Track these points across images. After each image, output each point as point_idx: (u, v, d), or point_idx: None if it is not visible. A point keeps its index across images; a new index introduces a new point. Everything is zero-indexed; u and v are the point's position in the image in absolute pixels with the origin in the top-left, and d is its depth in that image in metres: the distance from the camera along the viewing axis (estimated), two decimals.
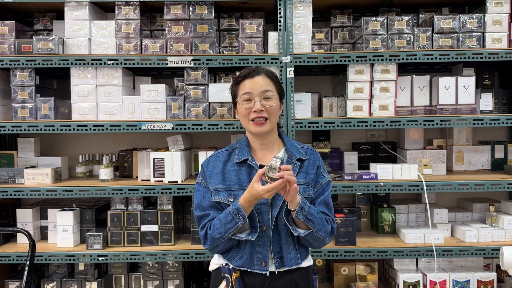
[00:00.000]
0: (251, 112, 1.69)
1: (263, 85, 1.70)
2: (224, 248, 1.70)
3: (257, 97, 1.68)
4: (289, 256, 1.69)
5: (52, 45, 2.72)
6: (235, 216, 1.61)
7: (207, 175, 1.75)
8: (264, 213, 1.68)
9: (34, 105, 2.75)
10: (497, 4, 2.76)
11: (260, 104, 1.67)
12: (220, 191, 1.70)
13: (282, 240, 1.69)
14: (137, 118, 2.74)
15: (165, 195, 2.76)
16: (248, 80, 1.71)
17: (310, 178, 1.73)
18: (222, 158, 1.76)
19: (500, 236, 2.75)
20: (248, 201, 1.60)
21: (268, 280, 1.68)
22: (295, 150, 1.76)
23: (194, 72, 2.76)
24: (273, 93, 1.72)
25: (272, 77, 1.75)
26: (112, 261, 2.71)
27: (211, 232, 1.66)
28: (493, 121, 2.68)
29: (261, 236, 1.67)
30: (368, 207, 3.13)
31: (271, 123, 1.71)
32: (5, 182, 2.80)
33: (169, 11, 2.78)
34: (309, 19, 2.76)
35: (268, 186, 1.53)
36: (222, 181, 1.71)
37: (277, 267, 1.68)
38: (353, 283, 2.91)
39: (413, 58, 2.70)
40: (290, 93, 2.70)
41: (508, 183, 2.68)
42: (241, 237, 1.64)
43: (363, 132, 3.30)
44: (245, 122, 1.72)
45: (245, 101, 1.70)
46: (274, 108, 1.70)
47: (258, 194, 1.56)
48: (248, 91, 1.69)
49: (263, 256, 1.67)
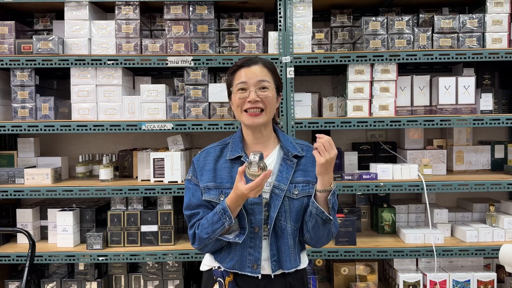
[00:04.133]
0: (245, 103, 1.60)
1: (260, 75, 1.61)
2: (213, 248, 1.63)
3: (252, 87, 1.59)
4: (288, 259, 1.61)
5: (52, 45, 2.72)
6: (221, 216, 1.53)
7: (197, 171, 1.67)
8: (257, 214, 1.59)
9: (34, 105, 2.75)
10: (497, 4, 2.76)
11: (256, 94, 1.59)
12: (211, 189, 1.62)
13: (281, 242, 1.61)
14: (137, 118, 2.74)
15: (165, 195, 2.75)
16: (244, 69, 1.62)
17: (310, 176, 1.64)
18: (214, 154, 1.68)
19: (500, 236, 2.75)
20: (234, 202, 1.52)
21: (262, 284, 1.61)
22: (290, 146, 1.67)
23: (194, 72, 2.76)
24: (270, 84, 1.62)
25: (269, 67, 1.65)
26: (112, 261, 2.71)
27: (199, 232, 1.59)
28: (493, 121, 2.68)
29: (252, 237, 1.59)
30: (368, 207, 3.13)
31: (267, 115, 1.62)
32: (5, 182, 2.80)
33: (169, 11, 2.78)
34: (309, 19, 2.76)
35: (251, 184, 1.46)
36: (213, 178, 1.63)
37: (273, 271, 1.60)
38: (353, 283, 2.91)
39: (413, 58, 2.70)
40: (290, 93, 2.70)
41: (508, 183, 2.68)
42: (228, 239, 1.56)
43: (363, 132, 3.30)
44: (238, 113, 1.63)
45: (240, 90, 1.61)
46: (270, 99, 1.61)
47: (243, 194, 1.48)
48: (244, 80, 1.60)
49: (254, 259, 1.59)
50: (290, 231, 1.61)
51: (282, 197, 1.59)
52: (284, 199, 1.60)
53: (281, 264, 1.61)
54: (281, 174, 1.62)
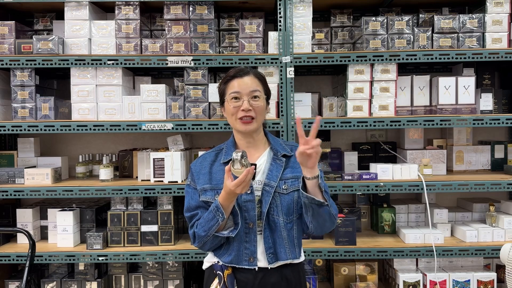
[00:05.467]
0: (239, 111, 1.73)
1: (252, 85, 1.75)
2: (211, 245, 1.74)
3: (245, 97, 1.73)
4: (283, 250, 1.72)
5: (52, 45, 2.72)
6: (215, 213, 1.65)
7: (195, 176, 1.80)
8: (250, 210, 1.71)
9: (34, 105, 2.75)
10: (497, 4, 2.76)
11: (248, 104, 1.73)
12: (207, 191, 1.75)
13: (275, 235, 1.72)
14: (137, 118, 2.74)
15: (165, 195, 2.76)
16: (237, 80, 1.76)
17: (298, 172, 1.74)
18: (210, 159, 1.82)
19: (500, 236, 2.75)
20: (225, 199, 1.63)
21: (260, 276, 1.71)
22: (280, 147, 1.81)
23: (194, 72, 2.76)
24: (261, 93, 1.77)
25: (260, 78, 1.80)
26: (112, 261, 2.71)
27: (197, 230, 1.71)
28: (493, 121, 2.68)
29: (248, 232, 1.72)
30: (368, 207, 3.13)
31: (257, 122, 1.76)
32: (5, 182, 2.80)
33: (169, 11, 2.78)
34: (309, 19, 2.76)
35: (236, 181, 1.56)
36: (209, 181, 1.76)
37: (269, 262, 1.71)
38: (353, 283, 2.91)
39: (413, 58, 2.70)
40: (290, 93, 2.70)
41: (508, 183, 2.68)
42: (223, 234, 1.68)
43: (363, 132, 3.30)
44: (232, 121, 1.77)
45: (233, 99, 1.75)
46: (261, 108, 1.75)
47: (230, 190, 1.59)
48: (237, 90, 1.74)
49: (250, 252, 1.71)
50: (283, 224, 1.73)
51: (272, 193, 1.71)
52: (274, 194, 1.72)
53: (277, 256, 1.72)
54: (271, 172, 1.75)
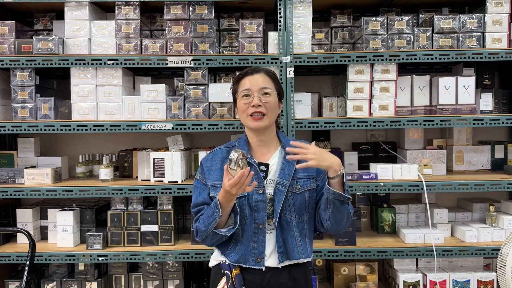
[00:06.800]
0: (250, 107, 1.74)
1: (262, 82, 1.76)
2: (212, 241, 1.73)
3: (256, 93, 1.74)
4: (295, 249, 1.73)
5: (52, 45, 2.72)
6: (214, 210, 1.65)
7: (205, 171, 1.80)
8: (261, 210, 1.71)
9: (34, 105, 2.75)
10: (497, 4, 2.76)
11: (259, 99, 1.73)
12: (218, 187, 1.73)
13: (287, 234, 1.72)
14: (137, 118, 2.74)
15: (165, 195, 2.76)
16: (248, 78, 1.78)
17: (310, 171, 1.75)
18: (221, 155, 1.81)
19: (500, 236, 2.75)
20: (224, 197, 1.62)
21: (268, 276, 1.71)
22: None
23: (194, 72, 2.76)
24: (272, 90, 1.77)
25: (271, 76, 1.81)
26: (112, 261, 2.71)
27: (199, 225, 1.72)
28: (493, 121, 2.68)
29: (256, 232, 1.71)
30: (368, 207, 3.13)
31: (269, 119, 1.75)
32: (5, 182, 2.80)
33: (169, 11, 2.78)
34: (309, 19, 2.76)
35: (231, 181, 1.55)
36: (221, 177, 1.73)
37: (280, 261, 1.71)
38: (353, 283, 2.91)
39: (413, 58, 2.70)
40: (290, 93, 2.70)
41: (508, 183, 2.68)
42: (221, 232, 1.68)
43: (363, 132, 3.30)
44: (244, 117, 1.77)
45: (244, 97, 1.76)
46: (272, 104, 1.75)
47: (227, 190, 1.59)
48: (248, 87, 1.75)
49: (258, 252, 1.71)
50: (295, 223, 1.74)
51: (286, 192, 1.71)
52: (287, 194, 1.72)
53: (288, 254, 1.73)
54: (283, 171, 1.75)
